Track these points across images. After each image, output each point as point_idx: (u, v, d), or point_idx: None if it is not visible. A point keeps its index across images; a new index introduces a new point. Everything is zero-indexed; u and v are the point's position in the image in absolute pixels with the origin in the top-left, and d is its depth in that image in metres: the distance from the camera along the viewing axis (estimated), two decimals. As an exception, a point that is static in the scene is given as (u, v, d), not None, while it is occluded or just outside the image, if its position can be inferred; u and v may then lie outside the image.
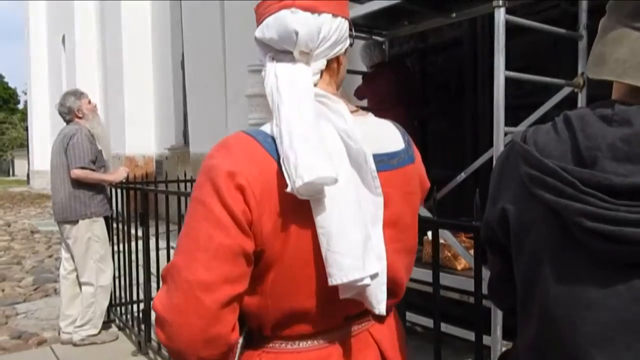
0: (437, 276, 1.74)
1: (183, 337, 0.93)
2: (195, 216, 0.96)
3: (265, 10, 1.05)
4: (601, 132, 0.76)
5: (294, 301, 1.01)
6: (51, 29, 18.95)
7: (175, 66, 10.42)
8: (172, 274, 0.94)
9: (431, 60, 4.61)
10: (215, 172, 0.96)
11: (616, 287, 0.74)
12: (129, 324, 4.20)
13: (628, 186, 0.72)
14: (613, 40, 0.81)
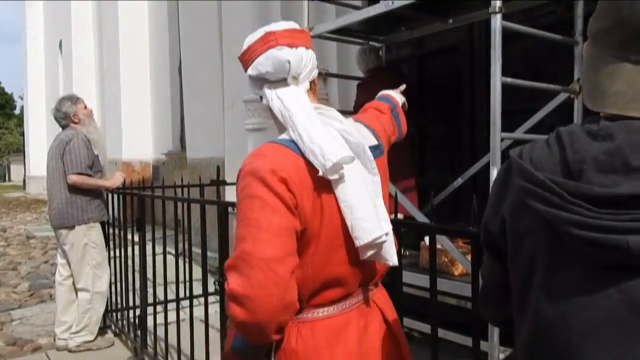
0: (435, 281, 1.73)
1: (265, 307, 1.11)
2: (252, 208, 1.17)
3: (252, 54, 1.36)
4: (587, 146, 0.82)
5: (330, 269, 1.27)
6: (48, 34, 18.94)
7: (172, 71, 10.41)
8: (244, 258, 1.13)
9: (428, 65, 4.61)
10: (260, 172, 1.19)
11: (606, 289, 0.79)
12: (125, 330, 4.18)
13: (609, 196, 0.77)
14: (608, 73, 0.85)
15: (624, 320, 0.78)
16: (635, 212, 0.76)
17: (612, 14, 0.84)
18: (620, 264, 0.77)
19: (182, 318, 3.37)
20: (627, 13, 0.81)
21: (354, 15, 3.62)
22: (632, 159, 0.78)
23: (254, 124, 4.90)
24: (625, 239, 0.75)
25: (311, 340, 1.27)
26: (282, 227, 1.16)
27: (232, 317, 1.15)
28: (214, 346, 2.91)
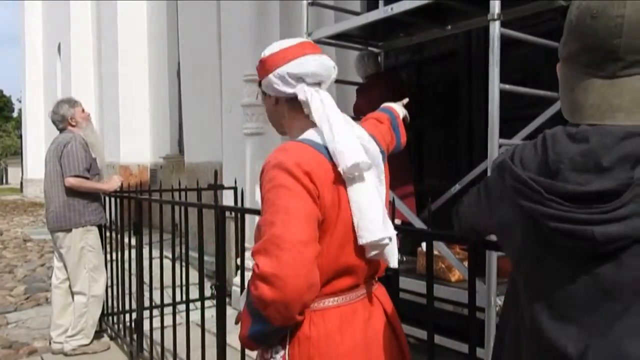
0: (431, 287, 1.73)
1: (293, 286, 1.20)
2: (279, 196, 1.28)
3: (290, 54, 1.46)
4: (565, 147, 0.92)
5: (342, 259, 1.37)
6: (47, 38, 18.95)
7: (171, 75, 10.42)
8: (273, 241, 1.22)
9: (427, 71, 4.62)
10: (285, 164, 1.30)
11: (581, 276, 0.90)
12: (121, 334, 4.17)
13: (579, 193, 0.88)
14: (582, 90, 0.97)
15: (598, 304, 0.88)
16: (601, 207, 0.86)
17: (580, 40, 0.96)
18: (591, 253, 0.88)
19: (178, 322, 3.37)
20: (592, 40, 0.94)
21: (353, 21, 3.63)
22: (604, 160, 0.88)
23: (252, 128, 4.91)
24: (591, 229, 0.86)
25: (323, 327, 1.36)
26: (308, 213, 1.27)
27: (258, 298, 1.22)
28: (210, 350, 2.90)
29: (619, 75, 0.93)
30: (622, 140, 0.88)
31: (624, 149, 0.88)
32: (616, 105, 0.93)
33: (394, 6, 3.14)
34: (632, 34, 0.90)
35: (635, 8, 0.90)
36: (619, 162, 0.87)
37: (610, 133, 0.90)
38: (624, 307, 0.87)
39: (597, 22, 0.92)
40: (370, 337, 1.42)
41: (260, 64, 1.52)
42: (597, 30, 0.93)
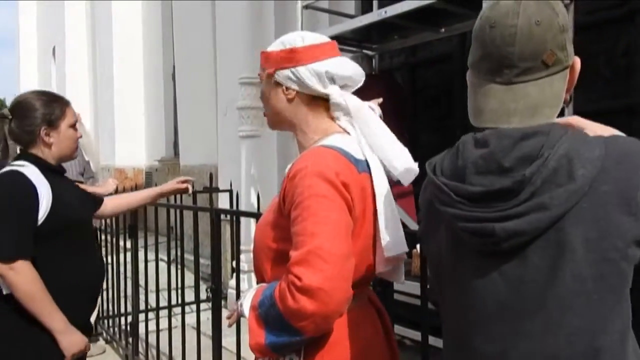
0: (425, 289, 1.74)
1: (336, 300, 1.18)
2: (321, 207, 1.24)
3: (336, 52, 1.46)
4: (470, 152, 0.98)
5: (361, 269, 1.36)
6: (41, 40, 18.91)
7: (166, 78, 10.42)
8: (318, 254, 1.18)
9: (421, 74, 4.64)
10: (326, 174, 1.26)
11: (490, 273, 0.96)
12: (116, 337, 4.17)
13: (479, 193, 0.94)
14: (483, 94, 1.03)
15: (508, 300, 0.94)
16: (500, 205, 0.92)
17: (481, 47, 1.02)
18: (496, 249, 0.93)
19: (174, 325, 3.37)
20: (490, 48, 1.00)
21: (347, 24, 3.64)
22: (504, 161, 0.94)
23: (247, 131, 4.91)
24: (492, 225, 0.92)
25: (336, 332, 1.34)
26: (348, 226, 1.27)
27: (298, 310, 1.17)
28: (206, 353, 2.90)
29: (514, 82, 0.99)
30: (520, 141, 0.94)
31: (522, 150, 0.93)
32: (512, 110, 0.99)
33: (388, 9, 3.16)
34: (524, 42, 0.97)
35: (527, 18, 0.96)
36: (519, 162, 0.92)
37: (507, 135, 0.95)
38: (534, 304, 0.91)
39: (495, 31, 0.99)
40: (370, 339, 1.42)
41: (291, 53, 1.42)
42: (495, 39, 0.99)
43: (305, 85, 1.41)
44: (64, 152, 2.10)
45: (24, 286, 1.86)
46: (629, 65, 3.09)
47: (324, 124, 1.44)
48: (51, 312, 1.91)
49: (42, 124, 2.01)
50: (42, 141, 2.03)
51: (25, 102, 2.03)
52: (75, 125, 2.14)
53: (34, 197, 1.90)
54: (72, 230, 2.03)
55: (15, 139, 2.06)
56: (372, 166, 1.39)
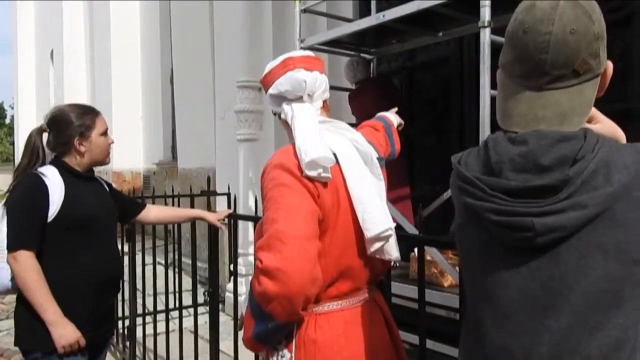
0: (423, 292, 1.74)
1: (296, 280, 1.22)
2: (281, 194, 1.32)
3: (273, 76, 1.57)
4: (506, 149, 1.00)
5: (344, 260, 1.41)
6: (39, 44, 18.90)
7: (164, 81, 10.42)
8: (277, 237, 1.25)
9: (419, 78, 4.65)
10: (287, 164, 1.36)
11: (519, 268, 0.97)
12: (113, 341, 4.15)
13: (521, 188, 0.95)
14: (513, 97, 1.04)
15: (534, 295, 0.96)
16: (540, 201, 0.94)
17: (513, 50, 1.03)
18: (529, 245, 0.95)
19: (171, 329, 3.36)
20: (523, 52, 1.01)
21: (345, 28, 3.64)
22: (542, 160, 0.95)
23: (245, 134, 4.91)
24: (530, 219, 0.93)
25: (328, 330, 1.37)
26: (310, 211, 1.32)
27: (262, 293, 1.23)
28: (203, 357, 2.90)
29: (545, 89, 1.00)
30: (558, 142, 0.96)
31: (560, 151, 0.95)
32: (540, 117, 1.00)
33: (386, 13, 3.16)
34: (558, 50, 0.97)
35: (562, 26, 0.97)
36: (557, 163, 0.95)
37: (546, 136, 0.97)
38: (561, 300, 0.94)
39: (528, 37, 0.99)
40: (372, 341, 1.43)
41: (264, 78, 1.62)
42: (528, 44, 0.99)
43: (274, 109, 1.63)
44: (96, 158, 2.31)
45: (21, 274, 2.05)
46: (625, 70, 3.09)
47: None
48: (44, 303, 2.05)
49: (75, 135, 2.22)
50: (76, 150, 2.24)
51: (60, 116, 2.25)
52: (106, 132, 2.33)
53: (45, 196, 2.10)
54: (83, 226, 2.18)
55: (52, 149, 2.27)
56: (341, 157, 1.46)
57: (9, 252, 2.06)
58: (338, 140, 1.52)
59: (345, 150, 1.49)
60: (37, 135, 2.26)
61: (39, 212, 2.10)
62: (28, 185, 2.13)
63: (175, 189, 4.68)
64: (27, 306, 2.07)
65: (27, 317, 2.08)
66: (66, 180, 2.18)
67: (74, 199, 2.17)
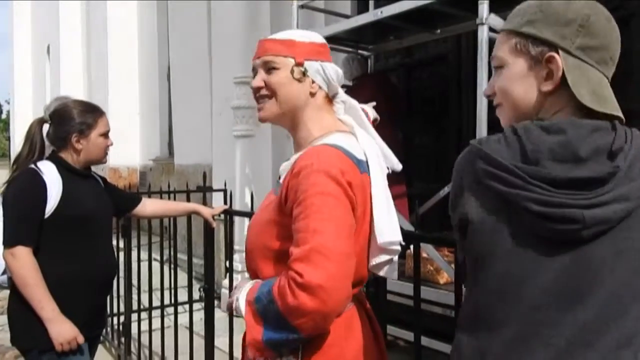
0: (418, 290, 1.74)
1: (336, 298, 1.17)
2: (326, 204, 1.22)
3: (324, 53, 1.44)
4: (541, 138, 0.97)
5: (360, 270, 1.35)
6: (36, 39, 18.83)
7: (161, 77, 10.39)
8: (321, 251, 1.17)
9: (416, 75, 4.65)
10: (332, 172, 1.24)
11: (552, 261, 0.95)
12: (108, 337, 4.15)
13: (565, 178, 0.93)
14: (598, 82, 1.01)
15: (562, 287, 0.94)
16: (587, 193, 0.92)
17: (596, 37, 1.01)
18: (572, 237, 0.93)
19: (166, 325, 3.36)
20: (607, 40, 1.01)
21: (343, 24, 3.64)
22: (581, 150, 0.94)
23: (242, 130, 4.90)
24: (581, 212, 0.91)
25: (332, 333, 1.32)
26: (351, 225, 1.26)
27: (297, 307, 1.16)
28: (198, 353, 2.89)
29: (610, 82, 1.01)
30: (593, 132, 0.95)
31: (596, 141, 0.95)
32: None
33: (384, 10, 3.16)
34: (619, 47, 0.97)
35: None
36: (593, 154, 0.94)
37: (582, 125, 0.96)
38: (588, 291, 0.93)
39: (612, 27, 1.02)
40: (364, 340, 1.41)
41: (322, 47, 1.44)
42: (612, 33, 1.01)
43: (329, 81, 1.43)
44: (92, 158, 2.29)
45: (18, 270, 2.04)
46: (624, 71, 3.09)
47: (330, 120, 1.44)
48: (42, 299, 2.05)
49: (74, 132, 2.21)
50: (72, 147, 2.23)
51: (63, 110, 2.24)
52: (107, 134, 2.32)
53: (42, 192, 2.09)
54: (80, 224, 2.18)
55: (51, 142, 2.26)
56: (371, 165, 1.37)
57: (5, 248, 2.05)
58: (370, 144, 1.42)
59: (375, 158, 1.40)
60: (37, 125, 2.24)
61: (36, 208, 2.08)
62: (25, 181, 2.12)
63: (171, 185, 4.67)
64: (22, 303, 2.06)
65: (23, 315, 2.07)
66: (64, 177, 2.17)
67: (72, 197, 2.16)
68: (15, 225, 2.07)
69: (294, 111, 1.42)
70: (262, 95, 1.44)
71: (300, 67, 1.39)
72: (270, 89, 1.42)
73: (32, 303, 2.04)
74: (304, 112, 1.42)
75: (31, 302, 2.04)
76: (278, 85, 1.40)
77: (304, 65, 1.39)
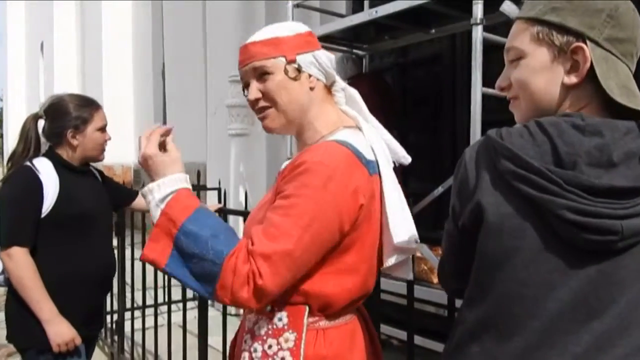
0: (412, 288, 1.75)
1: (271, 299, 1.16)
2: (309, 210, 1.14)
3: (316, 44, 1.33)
4: (577, 140, 0.89)
5: (370, 279, 1.31)
6: (29, 36, 18.74)
7: (155, 75, 10.36)
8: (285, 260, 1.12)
9: (411, 74, 4.66)
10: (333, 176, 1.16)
11: (578, 271, 0.90)
12: (102, 335, 4.13)
13: (605, 187, 0.87)
14: (626, 76, 0.96)
15: (587, 298, 0.90)
16: (625, 202, 0.87)
17: (624, 29, 0.95)
18: (606, 248, 0.88)
19: (160, 323, 3.35)
20: (636, 32, 0.95)
21: (338, 23, 3.64)
22: (614, 155, 0.88)
23: (237, 129, 4.89)
24: (619, 223, 0.86)
25: (338, 345, 1.27)
26: (327, 240, 1.17)
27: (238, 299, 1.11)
28: (192, 352, 2.89)
29: None
30: (625, 135, 0.90)
31: (627, 145, 0.89)
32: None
33: (379, 9, 3.16)
34: None
35: None
36: (625, 158, 0.89)
37: (617, 128, 0.90)
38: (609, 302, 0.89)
39: (638, 18, 0.95)
40: (366, 347, 1.38)
41: (309, 36, 1.33)
42: (638, 25, 0.95)
43: (325, 70, 1.32)
44: (89, 154, 2.23)
45: (15, 272, 2.01)
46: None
47: (334, 114, 1.34)
48: (40, 300, 2.01)
49: (70, 127, 2.15)
50: (68, 143, 2.17)
51: (58, 105, 2.18)
52: (104, 128, 2.26)
53: (38, 191, 2.05)
54: (78, 223, 2.14)
55: (46, 138, 2.20)
56: (381, 163, 1.29)
57: (2, 248, 2.02)
58: (377, 140, 1.34)
59: (383, 155, 1.33)
60: (32, 121, 2.18)
61: (32, 208, 2.04)
62: (20, 180, 2.08)
63: (165, 184, 4.66)
64: (20, 303, 2.03)
65: (21, 314, 2.05)
66: (61, 175, 2.12)
67: (69, 195, 2.11)
68: (11, 226, 2.03)
69: (300, 115, 1.31)
70: (261, 107, 1.32)
71: (293, 64, 1.28)
72: (269, 99, 1.30)
73: (30, 304, 2.01)
74: (309, 112, 1.31)
75: (29, 303, 2.01)
76: (276, 91, 1.28)
77: (296, 61, 1.28)
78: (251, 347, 1.27)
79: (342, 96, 1.39)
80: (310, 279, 1.21)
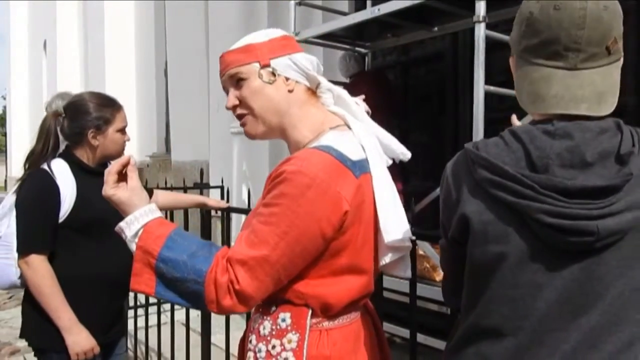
0: (414, 287, 1.75)
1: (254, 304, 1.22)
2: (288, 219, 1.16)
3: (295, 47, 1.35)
4: (547, 143, 0.93)
5: (369, 283, 1.32)
6: (32, 34, 18.75)
7: (158, 73, 10.36)
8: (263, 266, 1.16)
9: (413, 72, 4.65)
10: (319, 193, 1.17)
11: (561, 271, 0.93)
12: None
13: (578, 188, 0.89)
14: (543, 80, 0.98)
15: (572, 296, 0.92)
16: (600, 202, 0.89)
17: (541, 32, 0.97)
18: (585, 249, 0.91)
19: (163, 321, 3.35)
20: (555, 31, 0.95)
21: (340, 21, 3.64)
22: (587, 155, 0.91)
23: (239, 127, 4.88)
24: (595, 223, 0.88)
25: (342, 346, 1.27)
26: (309, 249, 1.18)
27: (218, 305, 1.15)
28: (195, 350, 2.89)
29: (580, 68, 0.96)
30: (598, 135, 0.92)
31: (602, 145, 0.92)
32: (579, 96, 0.95)
33: (381, 7, 3.16)
34: (594, 26, 0.93)
35: (596, 3, 0.94)
36: (599, 158, 0.91)
37: (588, 129, 0.93)
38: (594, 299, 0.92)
39: (561, 13, 0.94)
40: (372, 349, 1.38)
41: (284, 40, 1.34)
42: (562, 21, 0.94)
43: (305, 72, 1.33)
44: (108, 154, 2.16)
45: (33, 279, 1.98)
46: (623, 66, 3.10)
47: (319, 115, 1.34)
48: (58, 308, 1.98)
49: (91, 127, 2.09)
50: (88, 143, 2.11)
51: (79, 103, 2.11)
52: (124, 129, 2.21)
53: (56, 196, 2.00)
54: (96, 227, 2.07)
55: (65, 137, 2.14)
56: (372, 161, 1.29)
57: (20, 256, 1.98)
58: (367, 137, 1.33)
59: (374, 152, 1.32)
60: (52, 118, 2.11)
61: (49, 214, 2.00)
62: (37, 185, 2.02)
63: (168, 182, 4.66)
64: (37, 306, 2.00)
65: (38, 316, 2.02)
66: (78, 178, 2.07)
67: (86, 199, 2.05)
68: (28, 233, 1.99)
69: (279, 118, 1.32)
70: (240, 114, 1.36)
71: (267, 68, 1.30)
72: (245, 105, 1.33)
73: (49, 312, 1.98)
74: (289, 115, 1.32)
75: (47, 310, 1.98)
76: (252, 96, 1.31)
77: (270, 65, 1.30)
78: (255, 347, 1.28)
79: (330, 97, 1.38)
80: (307, 282, 1.23)
